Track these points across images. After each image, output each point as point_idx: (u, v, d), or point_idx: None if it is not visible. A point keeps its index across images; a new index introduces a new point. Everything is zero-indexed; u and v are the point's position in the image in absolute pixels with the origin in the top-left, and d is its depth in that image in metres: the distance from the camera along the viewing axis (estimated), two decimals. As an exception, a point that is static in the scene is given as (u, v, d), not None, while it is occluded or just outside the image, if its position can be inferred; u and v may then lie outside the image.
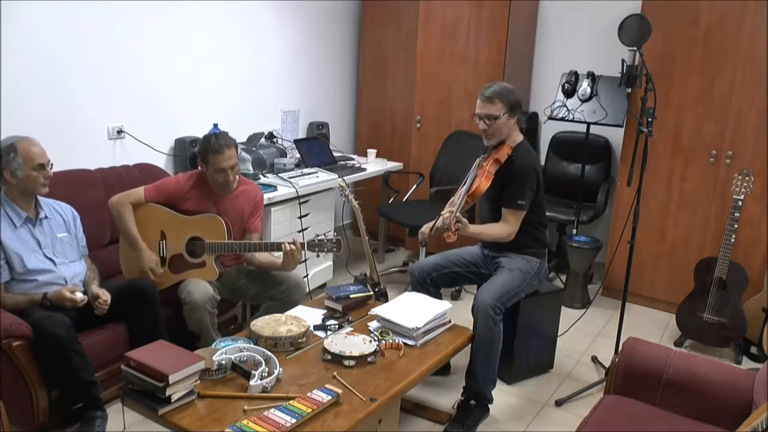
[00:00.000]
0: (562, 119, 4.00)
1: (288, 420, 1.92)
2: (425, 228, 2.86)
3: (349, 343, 2.42)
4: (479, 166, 2.84)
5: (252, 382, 2.10)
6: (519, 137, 2.88)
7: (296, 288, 3.00)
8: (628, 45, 3.06)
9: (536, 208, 2.89)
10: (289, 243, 2.83)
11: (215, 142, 2.88)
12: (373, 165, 4.53)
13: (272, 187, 3.58)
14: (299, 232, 3.74)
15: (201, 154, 2.93)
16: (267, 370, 2.20)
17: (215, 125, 3.76)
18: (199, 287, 2.80)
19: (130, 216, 2.92)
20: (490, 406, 2.83)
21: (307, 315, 2.71)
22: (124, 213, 2.92)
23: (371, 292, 2.99)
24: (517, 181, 2.80)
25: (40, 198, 2.64)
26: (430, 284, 3.02)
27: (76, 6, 3.10)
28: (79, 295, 2.52)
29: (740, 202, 3.32)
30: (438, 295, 2.99)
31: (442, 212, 2.74)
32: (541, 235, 2.96)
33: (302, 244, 2.85)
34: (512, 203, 2.81)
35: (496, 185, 2.77)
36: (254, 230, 3.08)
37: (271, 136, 4.23)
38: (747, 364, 3.41)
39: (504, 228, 2.83)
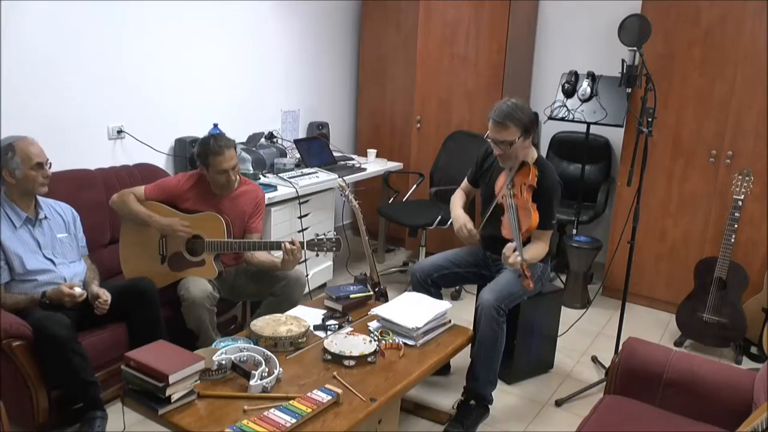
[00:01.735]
0: (562, 119, 4.00)
1: (288, 420, 1.92)
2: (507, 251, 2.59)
3: (349, 343, 2.42)
4: (512, 195, 2.72)
5: (252, 382, 2.10)
6: (535, 153, 2.84)
7: (296, 283, 2.99)
8: (628, 45, 3.06)
9: None
10: (289, 242, 2.83)
11: (214, 143, 2.87)
12: (373, 165, 4.53)
13: (272, 187, 3.58)
14: (299, 232, 3.73)
15: (200, 157, 2.91)
16: (267, 370, 2.20)
17: (215, 125, 3.76)
18: (198, 284, 2.80)
19: (135, 203, 2.91)
20: (490, 406, 2.83)
21: (307, 315, 2.71)
22: (128, 201, 2.91)
23: (371, 292, 2.99)
24: (547, 201, 2.76)
25: (39, 198, 2.64)
26: (431, 285, 3.01)
27: (77, 6, 3.10)
28: (77, 290, 2.52)
29: (740, 202, 3.32)
30: (438, 296, 2.98)
31: (507, 258, 2.55)
32: None
33: (302, 243, 2.85)
34: (547, 225, 2.79)
35: None
36: (255, 230, 3.08)
37: (271, 136, 4.23)
38: (747, 364, 3.41)
39: (543, 248, 2.82)
